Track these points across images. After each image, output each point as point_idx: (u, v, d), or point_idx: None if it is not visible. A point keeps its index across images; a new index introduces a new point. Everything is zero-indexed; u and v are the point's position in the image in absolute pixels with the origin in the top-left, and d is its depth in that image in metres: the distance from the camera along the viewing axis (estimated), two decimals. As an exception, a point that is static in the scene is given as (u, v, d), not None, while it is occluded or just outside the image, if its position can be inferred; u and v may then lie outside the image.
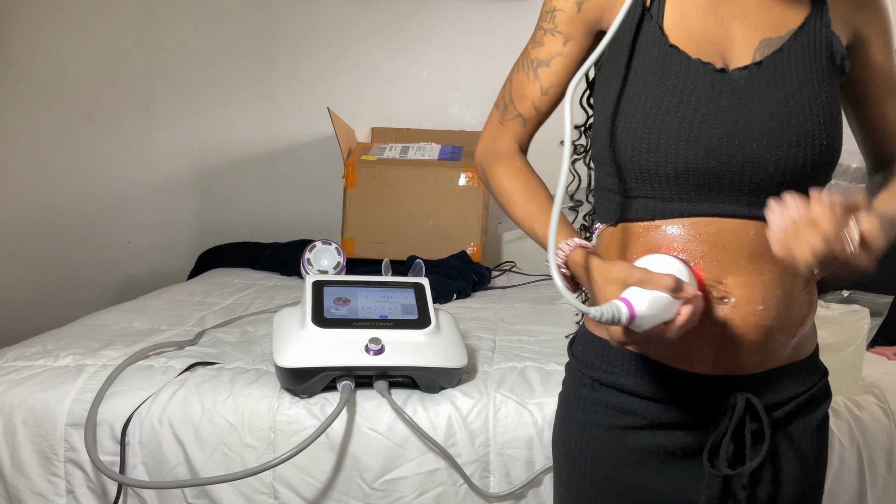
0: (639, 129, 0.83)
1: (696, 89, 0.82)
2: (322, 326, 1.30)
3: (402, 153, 2.66)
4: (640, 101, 0.83)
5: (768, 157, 0.81)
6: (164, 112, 2.98)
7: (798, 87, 0.82)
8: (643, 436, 0.88)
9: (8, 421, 1.30)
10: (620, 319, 0.73)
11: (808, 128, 0.82)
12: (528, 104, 0.93)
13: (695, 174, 0.82)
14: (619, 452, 0.89)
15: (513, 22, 2.88)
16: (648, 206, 0.85)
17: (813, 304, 0.88)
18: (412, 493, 1.26)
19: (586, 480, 0.91)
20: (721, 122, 0.81)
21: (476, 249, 2.54)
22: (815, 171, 0.83)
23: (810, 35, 0.84)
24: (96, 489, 1.29)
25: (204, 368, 1.40)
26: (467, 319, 1.84)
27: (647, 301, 0.73)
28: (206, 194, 3.02)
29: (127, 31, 2.94)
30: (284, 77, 2.96)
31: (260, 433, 1.27)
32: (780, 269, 0.83)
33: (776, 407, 0.87)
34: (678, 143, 0.81)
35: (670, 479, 0.87)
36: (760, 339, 0.84)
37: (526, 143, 0.96)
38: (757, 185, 0.82)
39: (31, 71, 2.93)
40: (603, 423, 0.89)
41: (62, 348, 1.48)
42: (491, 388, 1.33)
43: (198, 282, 2.38)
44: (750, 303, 0.82)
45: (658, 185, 0.84)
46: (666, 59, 0.84)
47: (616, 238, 0.89)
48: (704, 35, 0.84)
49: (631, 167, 0.85)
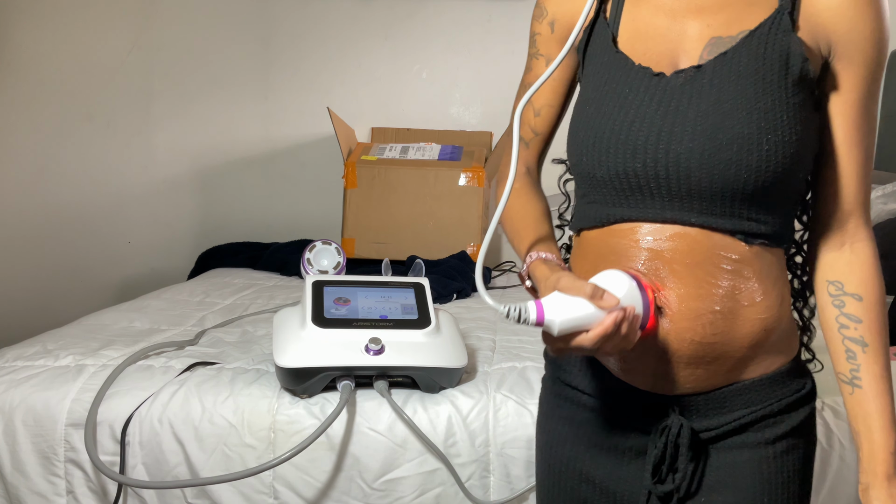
0: (580, 134, 0.85)
1: (631, 93, 0.83)
2: (322, 326, 1.30)
3: (402, 153, 2.66)
4: (584, 107, 0.86)
5: (695, 160, 0.79)
6: (164, 112, 2.98)
7: (736, 91, 0.78)
8: (597, 431, 0.89)
9: (8, 421, 1.30)
10: (528, 319, 0.74)
11: (741, 130, 0.77)
12: (526, 127, 0.97)
13: (624, 177, 0.82)
14: (575, 445, 0.91)
15: (513, 22, 2.89)
16: (598, 211, 0.86)
17: (771, 321, 0.82)
18: (412, 493, 1.26)
19: (547, 471, 0.95)
20: (648, 124, 0.81)
21: (476, 249, 2.54)
22: (759, 179, 0.78)
23: (763, 38, 0.79)
24: (96, 489, 1.29)
25: (204, 368, 1.40)
26: (467, 319, 1.84)
27: (561, 305, 0.74)
28: (206, 194, 3.02)
29: (127, 31, 2.95)
30: (284, 77, 2.96)
31: (260, 433, 1.27)
32: (721, 283, 0.80)
33: (719, 427, 0.85)
34: (608, 146, 0.82)
35: (620, 478, 0.89)
36: (696, 355, 0.81)
37: (533, 163, 0.99)
38: (690, 189, 0.79)
39: (31, 71, 2.93)
40: (562, 415, 0.93)
41: (62, 348, 1.48)
42: (491, 388, 1.33)
43: (198, 282, 2.38)
44: (684, 318, 0.80)
45: (601, 189, 0.85)
46: (611, 66, 0.85)
47: (579, 246, 0.91)
48: (654, 37, 0.84)
49: (577, 172, 0.88)
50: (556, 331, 0.75)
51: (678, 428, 0.83)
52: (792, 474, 0.85)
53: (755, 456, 0.84)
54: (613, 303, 0.74)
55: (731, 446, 0.85)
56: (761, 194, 0.79)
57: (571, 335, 0.75)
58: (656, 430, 0.85)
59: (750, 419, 0.84)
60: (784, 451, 0.85)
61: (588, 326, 0.74)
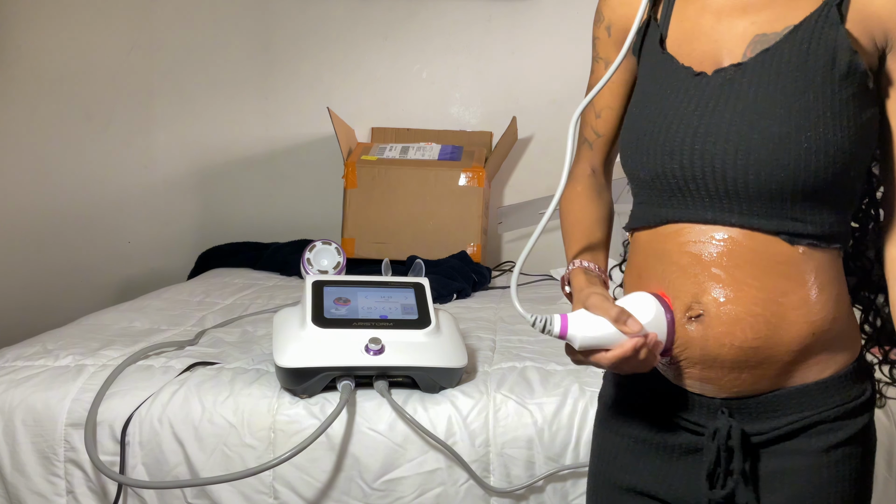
0: (626, 136, 0.88)
1: (672, 94, 0.83)
2: (322, 326, 1.30)
3: (402, 153, 2.66)
4: (633, 109, 0.89)
5: (729, 160, 0.78)
6: (164, 112, 2.98)
7: (775, 88, 0.77)
8: (647, 426, 0.89)
9: (8, 421, 1.30)
10: (552, 331, 0.78)
11: (776, 129, 0.76)
12: (589, 129, 0.98)
13: (664, 178, 0.82)
14: (623, 437, 0.91)
15: (513, 22, 2.88)
16: (646, 212, 0.87)
17: (821, 324, 0.80)
18: (412, 493, 1.26)
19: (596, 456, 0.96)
20: (686, 124, 0.81)
21: (476, 249, 2.54)
22: (799, 178, 0.77)
23: (808, 33, 0.78)
24: (96, 489, 1.29)
25: (204, 368, 1.40)
26: (467, 319, 1.84)
27: (585, 322, 0.78)
28: (206, 194, 3.02)
29: (127, 31, 2.94)
30: (284, 77, 2.96)
31: (260, 433, 1.27)
32: (764, 286, 0.79)
33: (770, 431, 0.84)
34: (648, 147, 0.83)
35: (668, 478, 0.88)
36: (739, 359, 0.80)
37: (599, 164, 1.00)
38: (728, 190, 0.79)
39: (31, 71, 2.93)
40: (617, 411, 0.93)
41: (62, 348, 1.48)
42: (491, 388, 1.33)
43: (198, 282, 2.38)
44: (722, 322, 0.79)
45: (647, 190, 0.86)
46: (658, 67, 0.86)
47: (632, 245, 0.92)
48: (700, 37, 0.84)
49: (626, 173, 0.89)
50: (578, 346, 0.78)
51: (727, 430, 0.82)
52: (848, 484, 0.83)
53: (809, 463, 0.82)
54: (637, 329, 0.77)
55: (784, 452, 0.83)
56: (805, 193, 0.78)
57: (591, 351, 0.78)
58: (708, 435, 0.84)
59: (803, 424, 0.82)
60: (839, 461, 0.82)
61: (608, 346, 0.78)
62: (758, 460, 0.84)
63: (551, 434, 1.27)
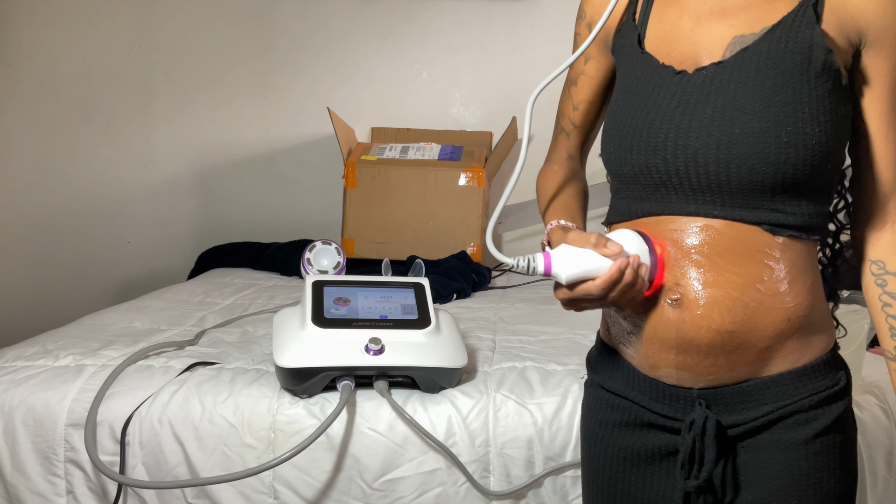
0: (609, 133, 0.90)
1: (654, 92, 0.85)
2: (322, 326, 1.30)
3: (402, 153, 2.66)
4: (612, 107, 0.91)
5: (712, 155, 0.80)
6: (164, 112, 2.98)
7: (755, 85, 0.80)
8: (629, 434, 0.90)
9: (8, 421, 1.30)
10: (536, 268, 0.79)
11: (756, 125, 0.79)
12: (566, 119, 1.03)
13: (647, 173, 0.84)
14: (608, 448, 0.92)
15: (513, 22, 2.89)
16: (627, 206, 0.89)
17: (796, 311, 0.82)
18: (412, 493, 1.26)
19: (586, 467, 0.98)
20: (668, 120, 0.83)
21: (476, 249, 2.54)
22: (779, 172, 0.79)
23: (785, 32, 0.81)
24: (96, 489, 1.29)
25: (204, 368, 1.40)
26: (467, 319, 1.84)
27: (568, 256, 0.79)
28: (206, 194, 3.02)
29: (127, 31, 2.94)
30: (284, 77, 2.96)
31: (260, 433, 1.27)
32: (743, 272, 0.81)
33: (746, 423, 0.84)
34: (631, 143, 0.85)
35: (652, 480, 0.90)
36: (715, 343, 0.81)
37: (576, 152, 1.04)
38: (710, 183, 0.81)
39: (31, 71, 2.93)
40: (598, 417, 0.94)
41: (62, 348, 1.48)
42: (491, 388, 1.33)
43: (198, 282, 2.38)
44: (700, 305, 0.81)
45: (629, 186, 0.88)
46: (637, 66, 0.89)
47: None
48: (679, 39, 0.87)
49: (608, 169, 0.91)
50: (564, 280, 0.79)
51: (703, 420, 0.83)
52: (827, 474, 0.84)
53: (787, 457, 0.83)
54: (617, 250, 0.79)
55: (762, 445, 0.85)
56: (784, 186, 0.80)
57: (579, 283, 0.79)
58: (685, 428, 0.85)
59: (779, 415, 0.84)
60: (818, 452, 0.84)
61: (595, 275, 0.78)
62: (736, 455, 0.86)
63: (551, 434, 1.27)
